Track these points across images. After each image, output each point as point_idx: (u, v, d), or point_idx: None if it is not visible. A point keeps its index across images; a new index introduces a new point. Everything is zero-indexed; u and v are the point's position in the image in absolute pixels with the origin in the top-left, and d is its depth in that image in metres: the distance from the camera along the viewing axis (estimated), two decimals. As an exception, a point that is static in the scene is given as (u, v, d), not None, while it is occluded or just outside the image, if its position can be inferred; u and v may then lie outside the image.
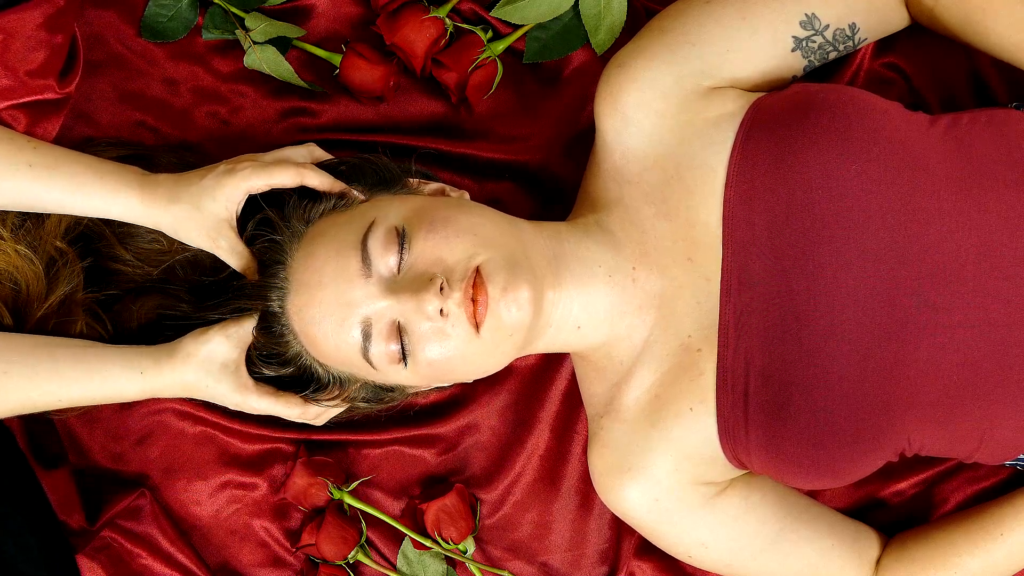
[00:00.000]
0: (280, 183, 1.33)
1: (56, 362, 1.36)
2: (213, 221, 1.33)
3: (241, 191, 1.32)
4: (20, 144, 1.35)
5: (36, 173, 1.33)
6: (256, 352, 1.36)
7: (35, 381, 1.35)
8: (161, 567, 1.54)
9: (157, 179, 1.35)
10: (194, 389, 1.37)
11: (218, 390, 1.36)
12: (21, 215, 1.39)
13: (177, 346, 1.36)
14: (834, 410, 1.27)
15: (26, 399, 1.36)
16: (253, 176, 1.32)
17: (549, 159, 1.56)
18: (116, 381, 1.36)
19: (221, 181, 1.32)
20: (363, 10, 1.55)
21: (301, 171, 1.34)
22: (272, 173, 1.33)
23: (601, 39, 1.53)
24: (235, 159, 1.37)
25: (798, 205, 1.27)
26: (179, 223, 1.34)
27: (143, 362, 1.37)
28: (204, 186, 1.33)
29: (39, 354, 1.36)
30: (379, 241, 1.26)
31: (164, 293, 1.43)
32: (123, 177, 1.35)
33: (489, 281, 1.24)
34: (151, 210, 1.34)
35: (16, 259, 1.37)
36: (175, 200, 1.33)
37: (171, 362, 1.36)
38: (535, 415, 1.56)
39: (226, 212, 1.33)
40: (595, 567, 1.58)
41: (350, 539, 1.54)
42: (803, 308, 1.28)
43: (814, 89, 1.33)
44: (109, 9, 1.53)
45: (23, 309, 1.40)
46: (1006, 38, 1.34)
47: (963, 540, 1.43)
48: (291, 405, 1.37)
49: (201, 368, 1.35)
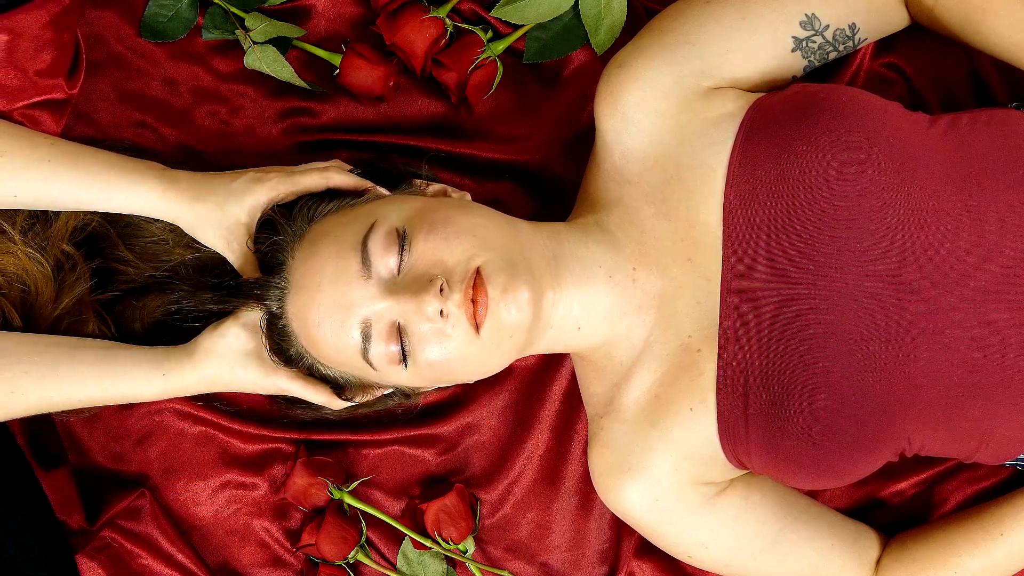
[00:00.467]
0: (306, 188, 1.36)
1: (77, 363, 1.37)
2: (233, 224, 1.35)
3: (266, 199, 1.35)
4: (38, 142, 1.35)
5: (56, 169, 1.34)
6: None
7: (55, 380, 1.36)
8: (161, 567, 1.54)
9: (178, 175, 1.37)
10: (220, 382, 1.38)
11: (247, 377, 1.37)
12: (30, 218, 1.39)
13: (196, 344, 1.38)
14: (834, 410, 1.27)
15: (45, 399, 1.37)
16: (280, 186, 1.35)
17: (549, 159, 1.56)
18: (136, 382, 1.38)
19: (250, 188, 1.35)
20: (363, 10, 1.55)
21: (326, 174, 1.36)
22: (297, 181, 1.35)
23: (601, 39, 1.53)
24: (264, 168, 1.39)
25: (798, 205, 1.27)
26: (199, 221, 1.35)
27: (165, 363, 1.38)
28: (232, 189, 1.35)
29: (60, 354, 1.37)
30: (379, 242, 1.26)
31: (165, 293, 1.43)
32: (143, 172, 1.36)
33: (489, 282, 1.25)
34: (172, 205, 1.35)
35: (26, 262, 1.38)
36: (200, 199, 1.35)
37: (192, 360, 1.37)
38: (535, 415, 1.56)
39: (247, 218, 1.35)
40: (595, 567, 1.58)
41: (350, 539, 1.54)
42: (803, 308, 1.28)
43: (814, 89, 1.33)
44: (109, 9, 1.53)
45: (33, 312, 1.40)
46: (1006, 38, 1.34)
47: (963, 540, 1.43)
48: (320, 391, 1.38)
49: (225, 360, 1.36)
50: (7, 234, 1.39)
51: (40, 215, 1.40)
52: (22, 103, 1.37)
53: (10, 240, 1.38)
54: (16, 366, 1.35)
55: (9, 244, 1.39)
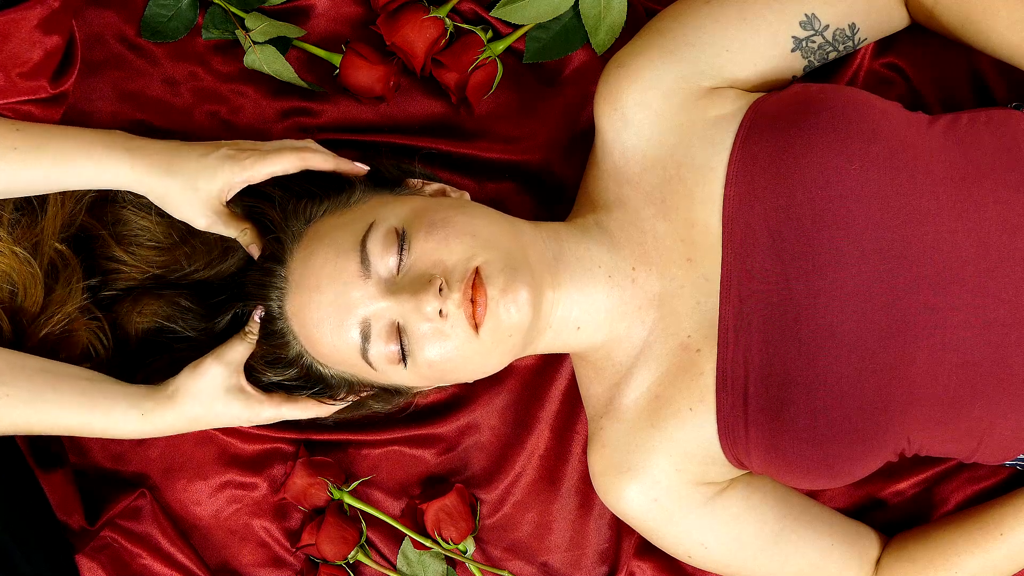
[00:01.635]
0: (283, 169, 1.34)
1: (59, 393, 1.35)
2: (206, 199, 1.33)
3: (241, 179, 1.33)
4: (3, 131, 1.34)
5: (23, 156, 1.33)
6: (258, 358, 1.36)
7: (36, 407, 1.34)
8: (161, 567, 1.54)
9: (148, 146, 1.35)
10: (202, 421, 1.37)
11: (229, 413, 1.36)
12: (15, 212, 1.38)
13: (175, 385, 1.36)
14: (834, 410, 1.27)
15: (25, 423, 1.35)
16: (256, 166, 1.33)
17: (549, 159, 1.55)
18: (117, 420, 1.36)
19: (223, 166, 1.33)
20: (363, 10, 1.55)
21: (303, 154, 1.35)
22: (273, 161, 1.33)
23: (601, 39, 1.53)
24: (236, 143, 1.37)
25: (798, 205, 1.27)
26: (170, 195, 1.33)
27: (144, 403, 1.36)
28: (204, 165, 1.33)
29: (42, 381, 1.35)
30: (378, 242, 1.26)
31: (163, 298, 1.42)
32: (110, 146, 1.34)
33: (488, 282, 1.24)
34: (143, 178, 1.33)
35: (14, 261, 1.37)
36: (171, 173, 1.33)
37: (171, 402, 1.36)
38: (535, 415, 1.56)
39: (220, 195, 1.33)
40: (595, 567, 1.58)
41: (350, 539, 1.54)
42: (803, 308, 1.28)
43: (814, 89, 1.33)
44: (109, 9, 1.53)
45: (21, 314, 1.39)
46: (1006, 38, 1.34)
47: (963, 540, 1.43)
48: (306, 408, 1.38)
49: (206, 399, 1.35)
50: None
51: (26, 208, 1.38)
52: (4, 101, 1.36)
53: None
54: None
55: None
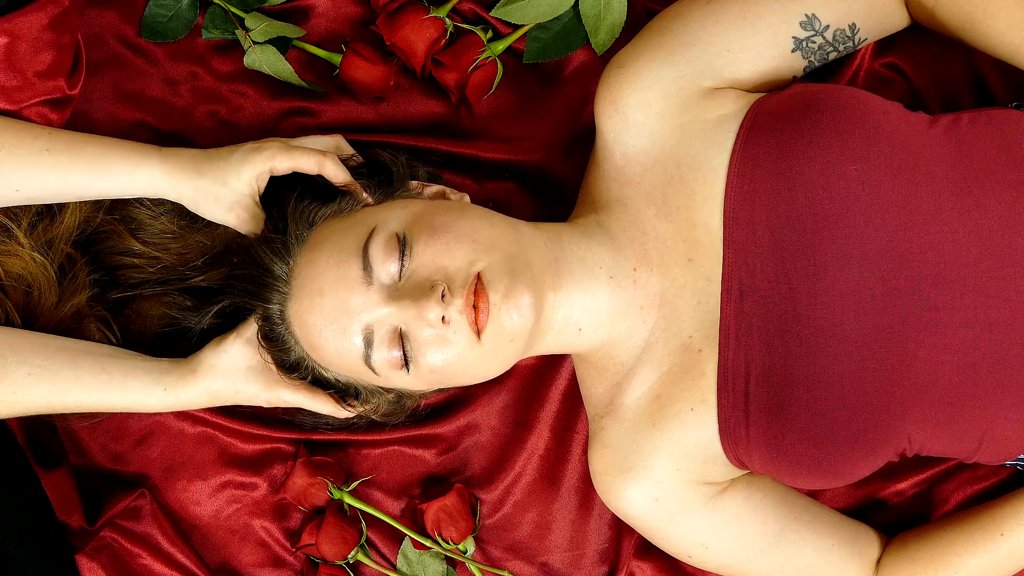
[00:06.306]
0: (303, 167, 1.36)
1: (78, 370, 1.37)
2: (236, 196, 1.35)
3: (266, 168, 1.35)
4: (36, 133, 1.36)
5: (56, 159, 1.35)
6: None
7: (57, 385, 1.36)
8: (161, 567, 1.54)
9: (178, 152, 1.37)
10: (223, 397, 1.39)
11: (249, 392, 1.38)
12: (34, 216, 1.39)
13: (198, 360, 1.38)
14: (835, 410, 1.27)
15: (46, 402, 1.37)
16: (279, 155, 1.35)
17: (549, 159, 1.55)
18: (138, 395, 1.38)
19: (248, 158, 1.35)
20: (363, 10, 1.55)
21: (322, 160, 1.36)
22: (296, 156, 1.35)
23: (601, 39, 1.53)
24: (261, 140, 1.39)
25: (799, 205, 1.27)
26: (201, 196, 1.36)
27: (166, 378, 1.38)
28: (231, 161, 1.35)
29: (63, 360, 1.37)
30: (380, 248, 1.26)
31: (169, 299, 1.43)
32: (143, 152, 1.36)
33: (490, 287, 1.25)
34: (174, 181, 1.36)
35: (31, 264, 1.39)
36: (201, 174, 1.35)
37: (194, 376, 1.38)
38: (535, 415, 1.56)
39: (249, 189, 1.35)
40: (595, 567, 1.58)
41: (350, 539, 1.54)
42: (804, 308, 1.28)
43: (814, 89, 1.33)
44: (109, 9, 1.52)
45: (35, 314, 1.41)
46: (1006, 38, 1.34)
47: (963, 540, 1.43)
48: (324, 403, 1.39)
49: (228, 376, 1.37)
50: (12, 235, 1.38)
51: (45, 213, 1.40)
52: (24, 103, 1.37)
53: (16, 241, 1.39)
54: (20, 368, 1.35)
55: (14, 245, 1.39)
